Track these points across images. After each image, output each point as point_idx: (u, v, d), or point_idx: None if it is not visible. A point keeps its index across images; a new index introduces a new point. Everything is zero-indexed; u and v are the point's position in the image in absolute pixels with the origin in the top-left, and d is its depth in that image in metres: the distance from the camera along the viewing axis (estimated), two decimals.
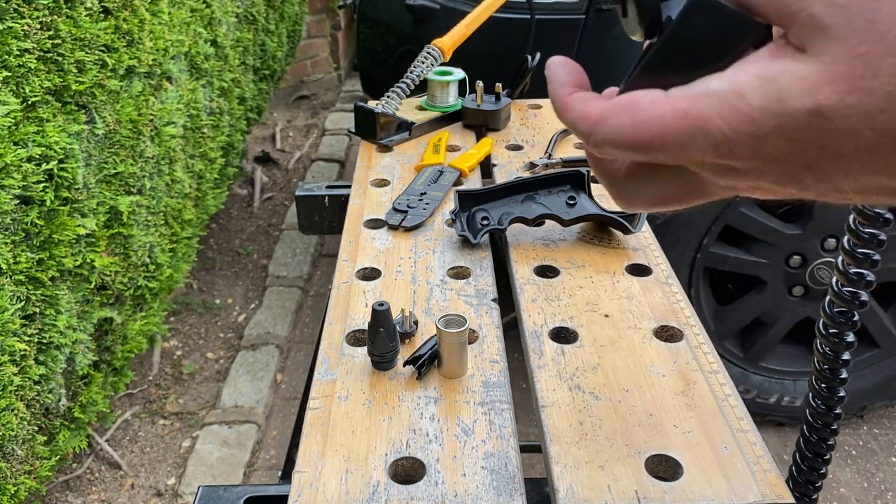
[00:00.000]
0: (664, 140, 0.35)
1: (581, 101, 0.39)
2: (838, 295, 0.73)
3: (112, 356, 1.72)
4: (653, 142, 0.36)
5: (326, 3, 4.43)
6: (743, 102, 0.33)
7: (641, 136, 0.36)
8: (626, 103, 0.37)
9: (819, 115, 0.31)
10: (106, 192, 1.52)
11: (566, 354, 0.83)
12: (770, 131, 0.33)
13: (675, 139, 0.35)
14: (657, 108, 0.35)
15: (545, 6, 1.93)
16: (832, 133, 0.32)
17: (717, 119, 0.34)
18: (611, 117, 0.37)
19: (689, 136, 0.34)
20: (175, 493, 2.02)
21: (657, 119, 0.35)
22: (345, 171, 3.63)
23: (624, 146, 0.37)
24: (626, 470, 0.68)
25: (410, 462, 0.70)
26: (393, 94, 1.38)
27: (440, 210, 1.14)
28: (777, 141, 0.33)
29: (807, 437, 0.81)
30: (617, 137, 0.37)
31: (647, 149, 0.36)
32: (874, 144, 0.31)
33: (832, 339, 0.75)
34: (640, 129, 0.36)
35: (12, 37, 1.17)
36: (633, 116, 0.36)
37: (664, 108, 0.35)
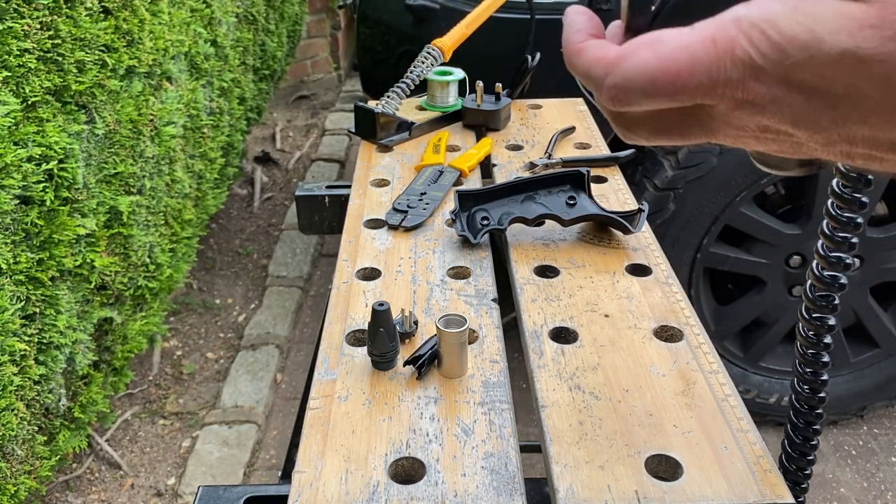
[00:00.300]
0: (692, 71, 0.33)
1: (597, 46, 0.37)
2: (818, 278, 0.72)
3: (112, 356, 1.72)
4: (679, 74, 0.34)
5: (326, 3, 4.43)
6: (774, 29, 0.31)
7: (668, 70, 0.34)
8: (648, 39, 0.35)
9: (854, 56, 0.30)
10: (106, 192, 1.52)
11: (566, 354, 0.83)
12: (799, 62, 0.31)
13: (703, 69, 0.33)
14: (682, 38, 0.33)
15: (545, 6, 1.93)
16: (864, 76, 0.30)
17: (745, 44, 0.32)
18: (631, 55, 0.35)
19: (718, 63, 0.33)
20: (175, 493, 2.02)
21: (682, 49, 0.33)
22: (345, 171, 3.63)
23: (646, 84, 0.35)
24: (626, 470, 0.68)
25: (410, 462, 0.70)
26: (393, 94, 1.38)
27: (440, 210, 1.14)
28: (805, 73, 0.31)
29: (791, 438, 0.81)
30: (639, 74, 0.35)
31: (673, 83, 0.34)
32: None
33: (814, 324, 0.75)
34: (664, 63, 0.34)
35: (12, 37, 1.17)
36: (656, 50, 0.34)
37: (689, 38, 0.33)
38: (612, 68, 0.36)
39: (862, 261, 1.99)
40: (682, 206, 1.91)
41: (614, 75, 0.36)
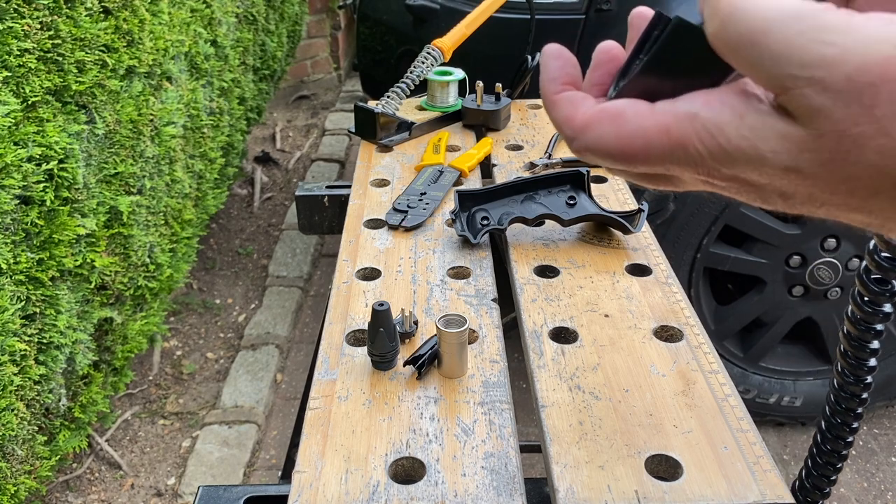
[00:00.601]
0: (647, 154, 0.36)
1: (568, 102, 0.39)
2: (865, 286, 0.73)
3: (112, 356, 1.72)
4: (636, 155, 0.36)
5: (326, 3, 4.43)
6: (722, 136, 0.33)
7: (624, 149, 0.36)
8: (611, 113, 0.37)
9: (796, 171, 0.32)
10: (106, 192, 1.52)
11: (566, 354, 0.83)
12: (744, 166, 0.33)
13: (658, 154, 0.36)
14: (641, 121, 0.36)
15: (545, 6, 1.93)
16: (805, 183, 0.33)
17: (696, 143, 0.34)
18: (595, 126, 0.37)
19: (671, 152, 0.35)
20: (175, 493, 2.02)
21: (640, 133, 0.36)
22: (345, 171, 3.63)
23: (606, 156, 0.37)
24: (626, 470, 0.68)
25: (410, 462, 0.70)
26: (393, 94, 1.38)
27: (440, 210, 1.14)
28: (751, 175, 0.34)
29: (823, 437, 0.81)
30: (600, 147, 0.37)
31: (630, 161, 0.37)
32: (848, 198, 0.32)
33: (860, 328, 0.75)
34: (622, 142, 0.36)
35: (12, 37, 1.17)
36: (617, 128, 0.36)
37: (648, 122, 0.36)
38: (578, 134, 0.38)
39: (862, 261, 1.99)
40: (682, 206, 1.91)
41: (579, 141, 0.38)
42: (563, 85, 0.40)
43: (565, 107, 0.39)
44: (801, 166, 0.32)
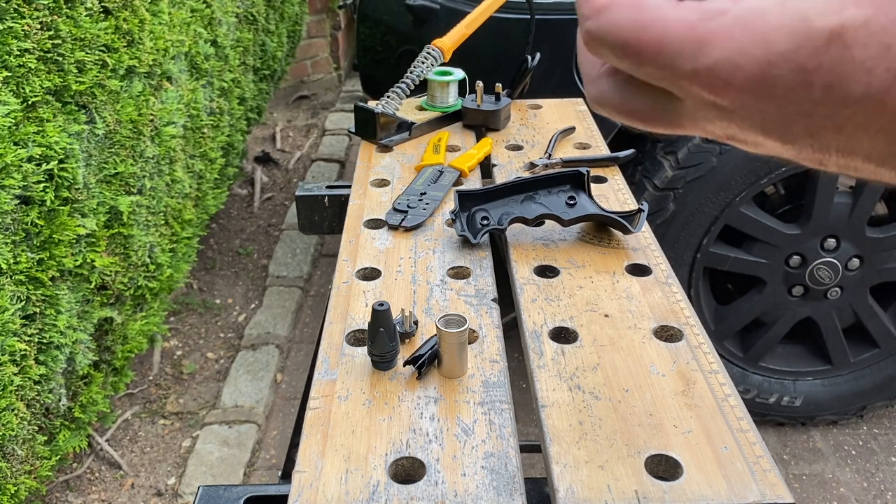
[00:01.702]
0: (660, 48, 0.33)
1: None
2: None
3: (112, 356, 1.72)
4: (648, 46, 0.33)
5: (326, 3, 4.43)
6: (761, 20, 0.30)
7: (639, 37, 0.33)
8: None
9: (839, 38, 0.29)
10: (106, 192, 1.52)
11: (566, 354, 0.83)
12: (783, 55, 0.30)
13: (672, 50, 0.32)
14: (663, 12, 0.33)
15: (545, 6, 1.93)
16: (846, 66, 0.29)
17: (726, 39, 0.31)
18: (614, 8, 0.34)
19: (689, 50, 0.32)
20: (175, 492, 2.02)
21: (659, 22, 0.33)
22: (345, 171, 3.63)
23: (616, 43, 0.34)
24: (626, 470, 0.68)
25: (410, 462, 0.70)
26: (393, 94, 1.38)
27: (440, 210, 1.14)
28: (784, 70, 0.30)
29: None
30: (613, 32, 0.34)
31: (640, 53, 0.33)
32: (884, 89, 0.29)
33: None
34: (638, 29, 0.33)
35: (12, 37, 1.17)
36: (635, 13, 0.33)
37: (671, 13, 0.33)
38: (594, 14, 0.35)
39: (862, 261, 1.99)
40: (682, 206, 1.91)
41: (593, 21, 0.35)
42: None
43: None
44: (847, 25, 0.28)
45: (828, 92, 0.30)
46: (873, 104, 0.29)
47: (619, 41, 0.34)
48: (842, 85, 0.30)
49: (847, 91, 0.30)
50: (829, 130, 0.31)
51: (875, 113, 0.30)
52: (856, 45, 0.29)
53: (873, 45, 0.28)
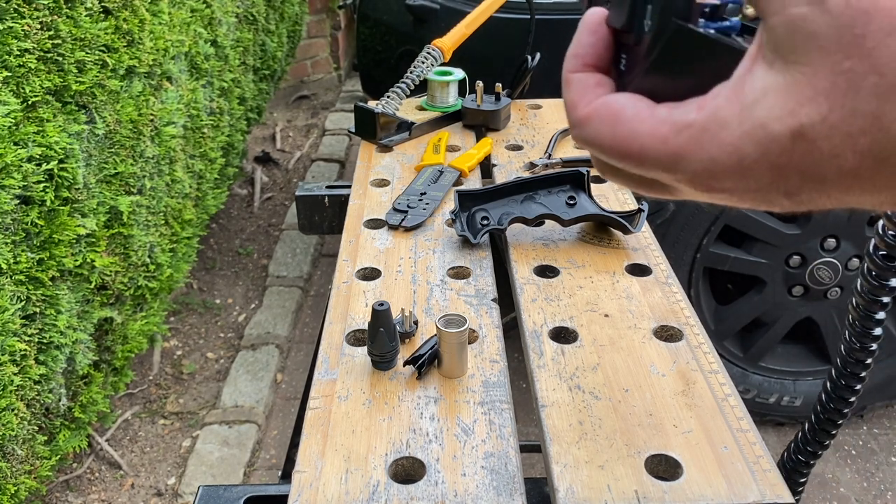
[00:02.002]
0: (641, 160, 0.35)
1: (580, 85, 0.38)
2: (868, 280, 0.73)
3: (112, 356, 1.72)
4: (629, 157, 0.35)
5: (326, 3, 4.43)
6: (726, 131, 0.32)
7: (619, 151, 0.36)
8: (611, 110, 0.36)
9: (802, 137, 0.30)
10: (106, 192, 1.52)
11: (566, 354, 0.83)
12: (754, 160, 0.32)
13: (652, 162, 0.35)
14: (638, 126, 0.35)
15: (545, 6, 1.93)
16: (815, 157, 0.30)
17: (697, 151, 0.33)
18: (594, 121, 0.37)
19: (666, 162, 0.34)
20: (175, 492, 2.02)
21: (636, 138, 0.35)
22: (345, 171, 3.63)
23: (601, 153, 0.37)
24: (626, 470, 0.68)
25: (410, 462, 0.70)
26: (393, 94, 1.38)
27: (440, 210, 1.14)
28: (759, 170, 0.32)
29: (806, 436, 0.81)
30: (596, 143, 0.37)
31: (624, 161, 0.36)
32: (857, 167, 0.30)
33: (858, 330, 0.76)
34: (617, 143, 0.36)
35: (12, 37, 1.17)
36: (613, 128, 0.36)
37: (645, 127, 0.35)
38: (579, 123, 0.37)
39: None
40: (682, 206, 1.91)
41: (579, 129, 0.37)
42: (585, 65, 0.39)
43: (576, 90, 0.38)
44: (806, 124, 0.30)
45: (804, 178, 0.32)
46: (849, 179, 0.31)
47: (602, 151, 0.37)
48: (815, 171, 0.31)
49: (822, 174, 0.31)
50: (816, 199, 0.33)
51: (853, 185, 0.31)
52: (819, 139, 0.30)
53: (836, 136, 0.30)
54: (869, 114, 0.29)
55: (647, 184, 0.39)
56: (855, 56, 0.28)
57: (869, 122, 0.29)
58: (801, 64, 0.30)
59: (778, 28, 0.30)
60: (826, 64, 0.29)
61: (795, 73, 0.30)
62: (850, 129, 0.29)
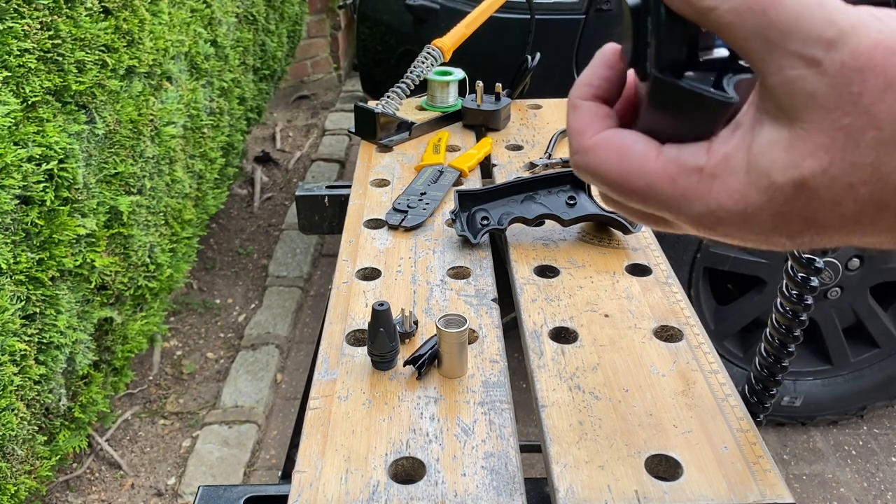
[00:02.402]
0: (645, 197, 0.35)
1: (588, 113, 0.39)
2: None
3: (112, 356, 1.72)
4: (633, 193, 0.36)
5: (326, 3, 4.43)
6: (734, 179, 0.33)
7: (625, 185, 0.36)
8: (619, 144, 0.36)
9: (804, 187, 0.31)
10: (106, 192, 1.52)
11: (566, 354, 0.83)
12: (758, 207, 0.33)
13: (658, 200, 0.35)
14: (647, 163, 0.35)
15: (545, 6, 1.93)
16: (817, 205, 0.32)
17: (705, 196, 0.34)
18: (601, 151, 0.37)
19: (673, 203, 0.35)
20: (175, 493, 2.02)
21: (644, 175, 0.35)
22: (345, 171, 3.63)
23: (603, 184, 0.37)
24: (626, 470, 0.68)
25: (410, 462, 0.70)
26: (393, 94, 1.38)
27: (440, 210, 1.14)
28: (763, 216, 0.33)
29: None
30: (599, 173, 0.37)
31: (628, 196, 0.36)
32: (857, 214, 0.32)
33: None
34: (623, 177, 0.36)
35: (12, 37, 1.17)
36: (621, 161, 0.36)
37: (654, 165, 0.35)
38: (584, 150, 0.37)
39: (862, 261, 1.99)
40: None
41: (583, 156, 0.38)
42: (596, 96, 0.39)
43: (583, 117, 0.38)
44: (808, 176, 0.31)
45: (806, 223, 0.33)
46: (850, 224, 0.32)
47: (606, 182, 0.37)
48: (817, 217, 0.32)
49: (824, 221, 0.33)
50: (818, 241, 0.34)
51: (854, 229, 0.33)
52: (820, 188, 0.31)
53: (837, 187, 0.31)
54: (868, 165, 0.30)
55: (645, 217, 0.39)
56: (853, 113, 0.29)
57: (868, 173, 0.30)
58: (802, 121, 0.31)
59: (777, 88, 0.31)
60: (826, 121, 0.30)
61: (797, 129, 0.31)
62: (850, 179, 0.31)
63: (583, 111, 0.39)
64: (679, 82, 0.34)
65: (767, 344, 0.79)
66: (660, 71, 0.34)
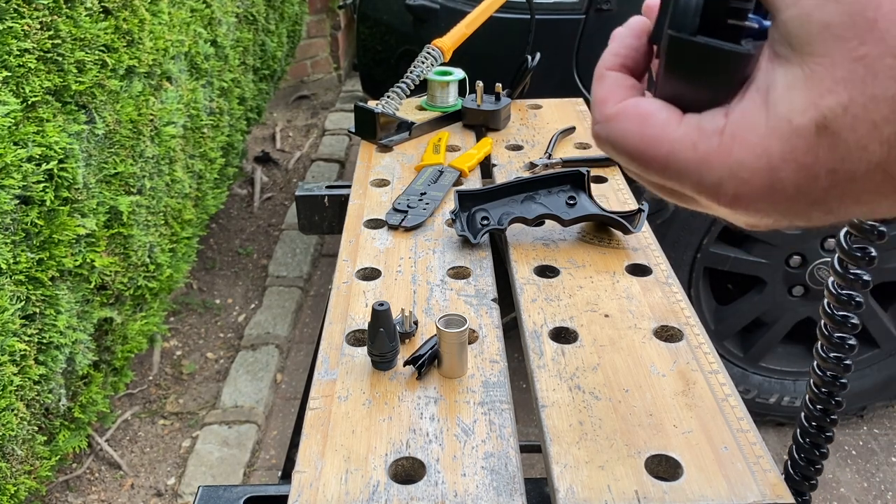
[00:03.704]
0: (665, 165, 0.35)
1: (613, 83, 0.38)
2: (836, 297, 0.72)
3: (112, 356, 1.72)
4: (653, 161, 0.35)
5: (326, 3, 4.43)
6: (753, 133, 0.32)
7: (645, 152, 0.35)
8: (641, 112, 0.36)
9: (826, 129, 0.30)
10: (106, 192, 1.52)
11: (566, 354, 0.83)
12: (781, 159, 0.31)
13: (678, 168, 0.34)
14: (667, 129, 0.34)
15: (545, 6, 1.93)
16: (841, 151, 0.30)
17: (726, 157, 0.33)
18: (622, 119, 0.36)
19: (693, 169, 0.34)
20: (175, 493, 2.02)
21: (664, 140, 0.34)
22: (345, 171, 3.63)
23: (624, 153, 0.36)
24: (626, 470, 0.68)
25: (410, 462, 0.70)
26: (393, 94, 1.38)
27: (440, 210, 1.14)
28: (787, 171, 0.31)
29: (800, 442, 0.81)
30: (620, 142, 0.36)
31: (648, 165, 0.35)
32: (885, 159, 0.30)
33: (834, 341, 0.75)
34: (644, 143, 0.35)
35: (12, 37, 1.17)
36: (642, 129, 0.35)
37: (673, 132, 0.34)
38: (606, 119, 0.37)
39: None
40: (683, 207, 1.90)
41: (604, 126, 0.37)
42: (623, 66, 0.39)
43: (608, 87, 0.38)
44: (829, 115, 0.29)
45: (833, 176, 0.31)
46: (880, 174, 0.30)
47: (626, 151, 0.36)
48: (843, 167, 0.30)
49: (850, 171, 0.30)
50: (847, 206, 0.32)
51: (883, 184, 0.31)
52: (843, 130, 0.30)
53: (860, 126, 0.29)
54: (890, 99, 0.28)
55: (668, 191, 0.38)
56: (869, 41, 0.28)
57: (890, 109, 0.29)
58: (817, 55, 0.30)
59: (791, 22, 0.30)
60: (842, 52, 0.29)
61: (813, 65, 0.30)
62: (873, 117, 0.29)
63: (608, 81, 0.38)
64: (693, 38, 0.33)
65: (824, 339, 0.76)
66: (675, 30, 0.34)
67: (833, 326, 0.74)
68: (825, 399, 0.77)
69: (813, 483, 0.82)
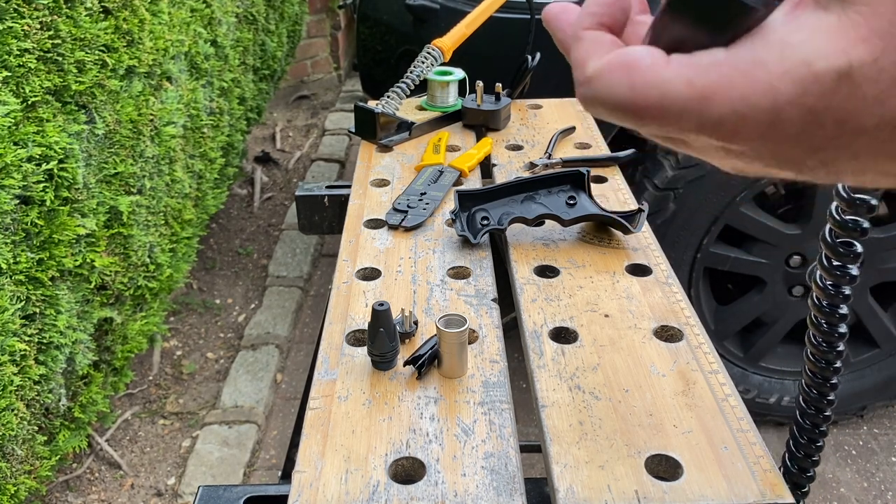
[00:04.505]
0: (661, 110, 0.32)
1: (592, 42, 0.35)
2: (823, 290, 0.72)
3: (112, 356, 1.72)
4: (648, 109, 0.32)
5: (326, 3, 4.43)
6: (762, 69, 0.30)
7: (636, 101, 0.32)
8: (626, 61, 0.33)
9: (847, 78, 0.28)
10: (106, 192, 1.52)
11: (566, 354, 0.83)
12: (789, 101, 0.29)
13: (674, 110, 0.32)
14: (658, 72, 0.32)
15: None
16: (857, 102, 0.29)
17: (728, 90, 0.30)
18: (606, 74, 0.33)
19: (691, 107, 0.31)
20: (175, 493, 2.02)
21: (656, 84, 0.32)
22: (345, 171, 3.63)
23: (615, 109, 0.34)
24: (626, 470, 0.68)
25: (410, 462, 0.70)
26: (393, 94, 1.38)
27: (440, 210, 1.14)
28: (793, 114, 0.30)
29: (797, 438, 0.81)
30: (609, 99, 0.33)
31: (641, 116, 0.33)
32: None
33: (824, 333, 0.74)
34: (634, 93, 0.32)
35: (12, 37, 1.17)
36: (630, 78, 0.33)
37: (665, 73, 0.32)
38: (588, 81, 0.34)
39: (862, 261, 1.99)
40: (682, 206, 1.90)
41: (588, 86, 0.35)
42: (601, 24, 0.36)
43: (587, 46, 0.35)
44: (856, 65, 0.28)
45: (840, 127, 0.30)
46: (888, 130, 0.29)
47: (617, 106, 0.33)
48: (853, 119, 0.29)
49: (859, 124, 0.29)
50: (843, 159, 0.31)
51: (887, 142, 0.30)
52: (865, 81, 0.28)
53: (884, 80, 0.28)
54: None
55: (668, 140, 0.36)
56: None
57: None
58: (860, 3, 0.28)
59: None
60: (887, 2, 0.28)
61: (851, 14, 0.28)
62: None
63: (586, 41, 0.36)
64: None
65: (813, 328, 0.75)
66: None
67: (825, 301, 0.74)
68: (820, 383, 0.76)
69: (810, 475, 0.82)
